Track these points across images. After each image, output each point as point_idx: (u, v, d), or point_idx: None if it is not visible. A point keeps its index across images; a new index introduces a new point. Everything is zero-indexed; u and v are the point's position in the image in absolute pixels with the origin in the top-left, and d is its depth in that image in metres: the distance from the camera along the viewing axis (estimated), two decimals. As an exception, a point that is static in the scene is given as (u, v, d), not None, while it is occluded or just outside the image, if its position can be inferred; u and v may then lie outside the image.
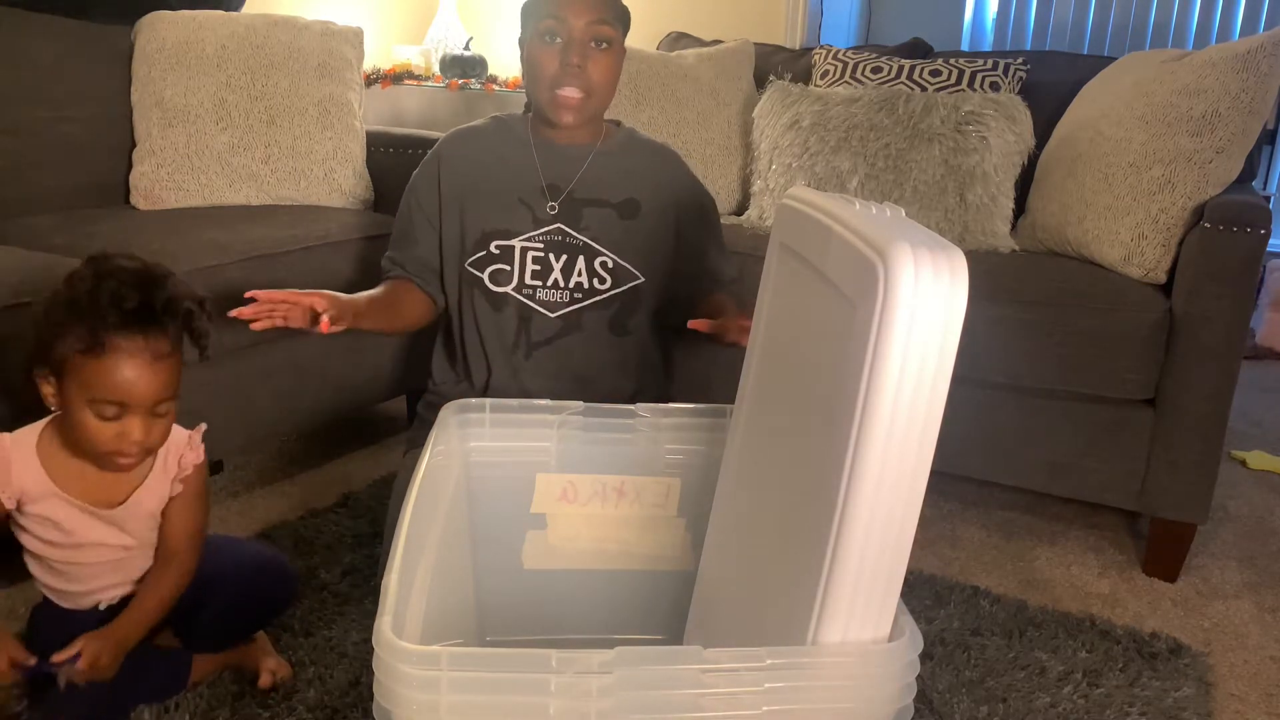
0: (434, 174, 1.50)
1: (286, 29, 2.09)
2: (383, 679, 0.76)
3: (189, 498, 1.20)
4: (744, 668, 0.77)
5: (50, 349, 1.07)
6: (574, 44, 1.38)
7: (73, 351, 1.05)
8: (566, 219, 1.45)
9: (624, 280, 1.46)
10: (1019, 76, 2.16)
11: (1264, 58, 1.67)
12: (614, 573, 1.32)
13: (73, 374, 1.06)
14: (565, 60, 1.38)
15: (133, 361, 1.06)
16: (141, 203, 1.98)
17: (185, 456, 1.19)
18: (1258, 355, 3.14)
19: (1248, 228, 1.53)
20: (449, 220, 1.49)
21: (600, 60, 1.40)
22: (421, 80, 3.21)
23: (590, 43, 1.39)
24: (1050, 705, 1.31)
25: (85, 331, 1.05)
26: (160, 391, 1.09)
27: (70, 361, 1.06)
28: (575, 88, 1.40)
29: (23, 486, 1.12)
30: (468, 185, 1.48)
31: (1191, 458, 1.61)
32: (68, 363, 1.06)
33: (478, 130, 1.53)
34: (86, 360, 1.05)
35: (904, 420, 0.76)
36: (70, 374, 1.06)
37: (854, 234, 0.81)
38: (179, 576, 1.20)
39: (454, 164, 1.50)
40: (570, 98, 1.40)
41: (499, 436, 1.27)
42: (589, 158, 1.48)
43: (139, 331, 1.07)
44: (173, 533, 1.20)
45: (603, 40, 1.39)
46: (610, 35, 1.40)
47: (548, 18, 1.39)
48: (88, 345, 1.05)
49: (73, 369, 1.06)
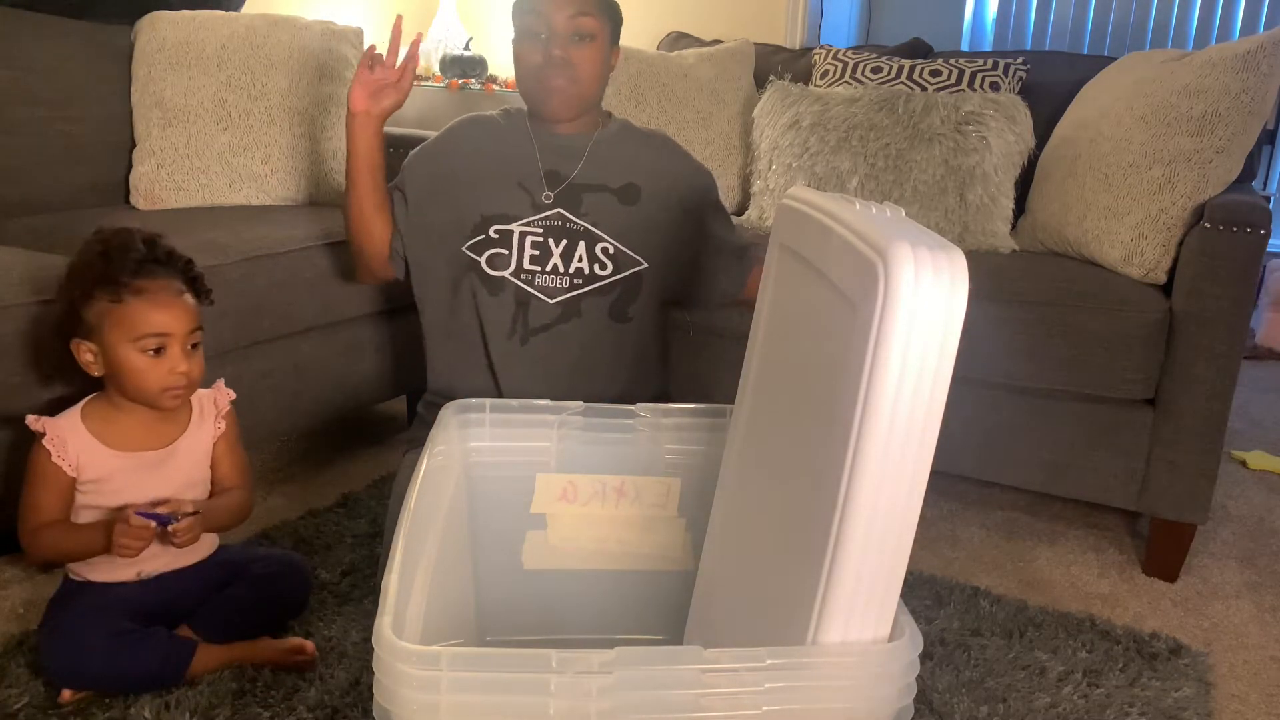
0: (432, 152, 1.52)
1: (286, 29, 2.09)
2: (383, 679, 0.76)
3: (231, 437, 1.37)
4: (744, 668, 0.77)
5: (80, 317, 1.22)
6: (555, 37, 1.40)
7: (104, 306, 1.20)
8: (566, 205, 1.46)
9: (625, 266, 1.46)
10: (1019, 76, 2.16)
11: (1264, 58, 1.67)
12: (614, 573, 1.32)
13: (111, 326, 1.21)
14: (548, 52, 1.41)
15: (158, 297, 1.22)
16: (141, 203, 1.98)
17: (218, 398, 1.36)
18: (1258, 355, 3.14)
19: (1248, 228, 1.53)
20: (443, 203, 1.49)
21: (583, 52, 1.42)
22: (421, 80, 3.21)
23: (572, 35, 1.41)
24: (1050, 705, 1.31)
25: (110, 285, 1.20)
26: (190, 320, 1.25)
27: (106, 316, 1.21)
28: (559, 76, 1.42)
29: (79, 456, 1.24)
30: (467, 167, 1.49)
31: (1191, 458, 1.61)
32: (104, 319, 1.21)
33: (486, 118, 1.55)
34: (119, 308, 1.20)
35: (904, 420, 0.76)
36: (108, 327, 1.21)
37: (854, 234, 0.81)
38: (242, 500, 1.36)
39: (457, 144, 1.52)
40: (555, 83, 1.42)
41: (499, 436, 1.27)
42: (587, 147, 1.49)
43: (153, 274, 1.23)
44: (226, 471, 1.36)
45: (585, 33, 1.41)
46: (592, 28, 1.42)
47: (529, 14, 1.42)
48: (115, 295, 1.20)
49: (110, 322, 1.21)
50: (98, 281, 1.21)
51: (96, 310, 1.21)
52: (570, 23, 1.40)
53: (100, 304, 1.21)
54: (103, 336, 1.21)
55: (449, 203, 1.48)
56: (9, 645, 1.30)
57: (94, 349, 1.23)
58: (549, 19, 1.40)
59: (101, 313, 1.21)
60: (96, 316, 1.21)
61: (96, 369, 1.24)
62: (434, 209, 1.50)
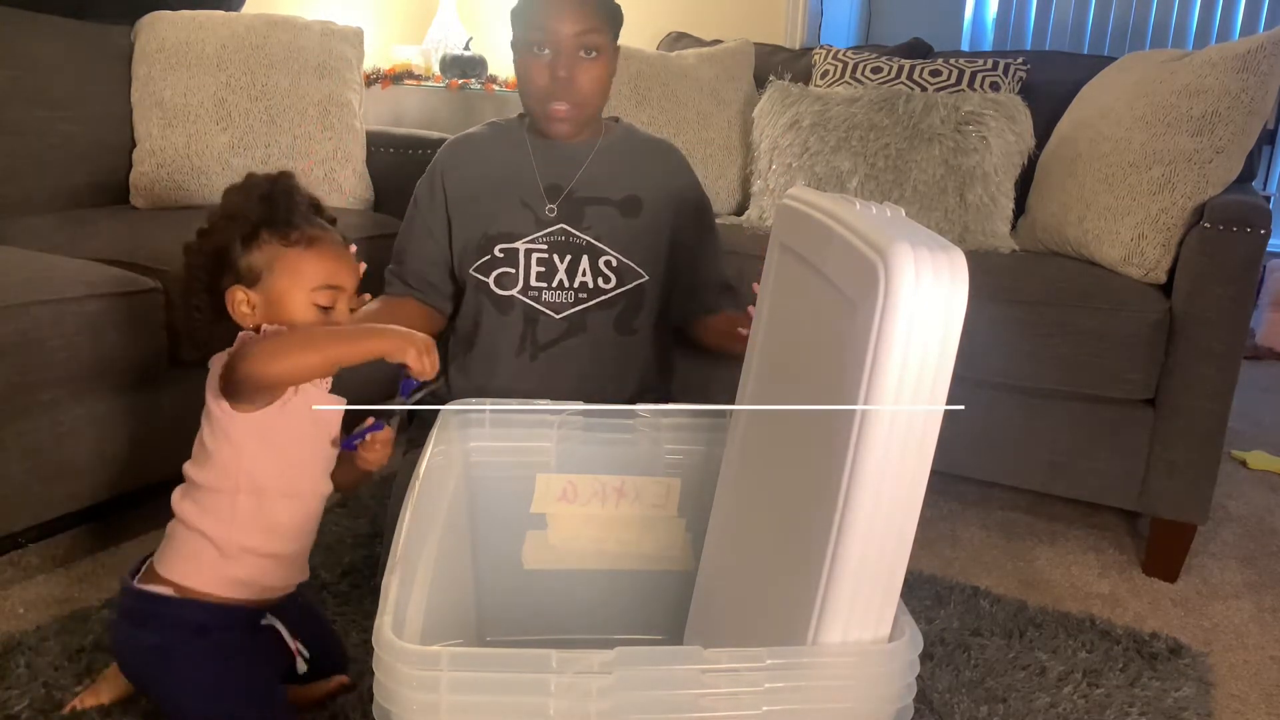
0: (437, 183, 1.50)
1: (286, 29, 2.09)
2: (383, 679, 0.76)
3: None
4: (744, 668, 0.77)
5: (240, 260, 1.09)
6: (561, 56, 1.37)
7: (275, 250, 1.09)
8: (569, 219, 1.45)
9: (628, 279, 1.46)
10: (1019, 76, 2.16)
11: (1264, 58, 1.67)
12: (614, 573, 1.32)
13: (282, 271, 1.09)
14: (554, 73, 1.37)
15: (333, 249, 1.13)
16: (141, 203, 1.98)
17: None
18: (1258, 355, 3.14)
19: (1248, 228, 1.53)
20: (456, 228, 1.48)
21: (589, 69, 1.39)
22: (421, 80, 3.21)
23: (578, 52, 1.37)
24: (1050, 705, 1.31)
25: (283, 228, 1.10)
26: (357, 276, 1.16)
27: (280, 260, 1.09)
28: (565, 102, 1.39)
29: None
30: (469, 192, 1.48)
31: (1191, 458, 1.61)
32: (275, 263, 1.09)
33: (474, 137, 1.53)
34: (293, 253, 1.09)
35: (904, 420, 0.76)
36: (279, 273, 1.09)
37: (854, 234, 0.81)
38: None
39: (454, 172, 1.49)
40: (561, 111, 1.40)
41: (499, 436, 1.27)
42: (588, 157, 1.47)
43: (323, 224, 1.15)
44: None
45: (591, 49, 1.38)
46: (598, 43, 1.38)
47: (534, 29, 1.38)
48: (289, 238, 1.10)
49: (282, 267, 1.09)
50: (266, 223, 1.10)
51: (264, 255, 1.09)
52: (576, 40, 1.36)
53: (270, 248, 1.09)
54: (270, 283, 1.09)
55: (458, 227, 1.48)
56: (9, 645, 1.30)
57: (253, 298, 1.10)
58: (555, 35, 1.36)
59: (271, 257, 1.09)
60: (263, 261, 1.09)
61: (252, 320, 1.10)
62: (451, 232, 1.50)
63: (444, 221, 1.49)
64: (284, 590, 1.15)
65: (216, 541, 1.08)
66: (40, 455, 1.42)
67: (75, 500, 1.48)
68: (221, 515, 1.08)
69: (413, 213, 1.52)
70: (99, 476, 1.50)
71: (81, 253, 1.60)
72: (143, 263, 1.58)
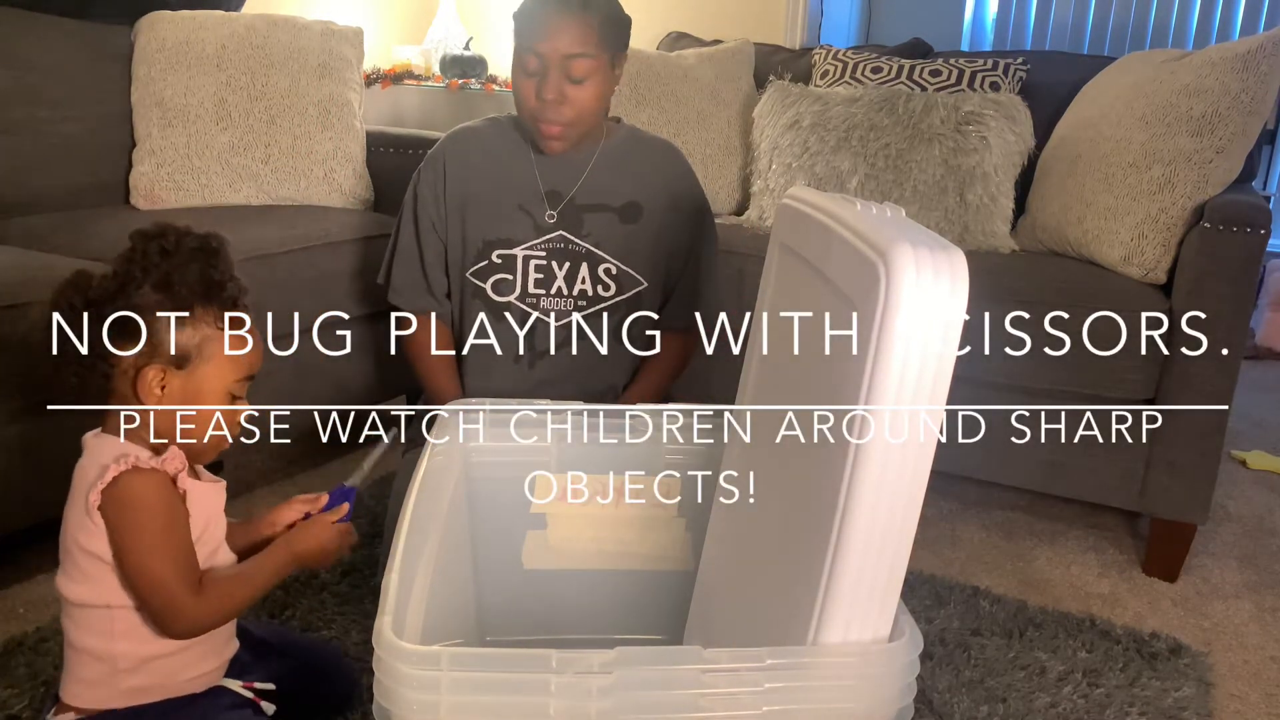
0: (439, 178, 1.46)
1: (286, 29, 2.09)
2: (383, 679, 0.76)
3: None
4: (744, 668, 0.77)
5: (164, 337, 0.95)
6: (548, 81, 1.34)
7: (215, 333, 0.97)
8: (568, 226, 1.44)
9: (628, 287, 1.46)
10: (1019, 76, 2.16)
11: (1264, 58, 1.67)
12: (614, 573, 1.32)
13: (216, 359, 0.97)
14: (540, 95, 1.35)
15: (255, 335, 1.02)
16: (141, 203, 1.98)
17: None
18: (1258, 355, 3.14)
19: (1248, 228, 1.53)
20: (452, 227, 1.47)
21: (577, 93, 1.35)
22: (421, 80, 3.21)
23: (566, 76, 1.34)
24: (1050, 705, 1.31)
25: (221, 306, 0.98)
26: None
27: (214, 345, 0.97)
28: (553, 123, 1.37)
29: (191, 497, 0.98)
30: (469, 191, 1.46)
31: (1191, 458, 1.61)
32: (210, 347, 0.97)
33: (476, 131, 1.50)
34: (236, 340, 0.98)
35: (904, 420, 0.76)
36: (212, 360, 0.97)
37: (854, 234, 0.81)
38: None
39: (457, 168, 1.46)
40: (551, 131, 1.38)
41: (499, 436, 1.27)
42: (589, 163, 1.46)
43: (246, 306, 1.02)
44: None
45: (580, 74, 1.34)
46: (588, 68, 1.34)
47: (526, 51, 1.35)
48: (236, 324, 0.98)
49: (218, 354, 0.97)
50: (204, 299, 0.97)
51: (194, 336, 0.96)
52: (564, 64, 1.33)
53: (203, 329, 0.96)
54: (198, 370, 0.97)
55: (454, 226, 1.47)
56: (9, 645, 1.30)
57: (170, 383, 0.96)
58: (544, 60, 1.33)
59: (204, 341, 0.96)
60: (193, 344, 0.96)
61: (154, 401, 0.96)
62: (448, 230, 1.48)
63: (444, 216, 1.47)
64: (219, 669, 1.04)
65: (104, 659, 0.96)
66: (41, 454, 1.42)
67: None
68: (101, 631, 0.96)
69: (416, 210, 1.48)
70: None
71: (81, 253, 1.60)
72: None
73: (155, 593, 0.93)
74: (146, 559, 0.92)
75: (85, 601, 0.95)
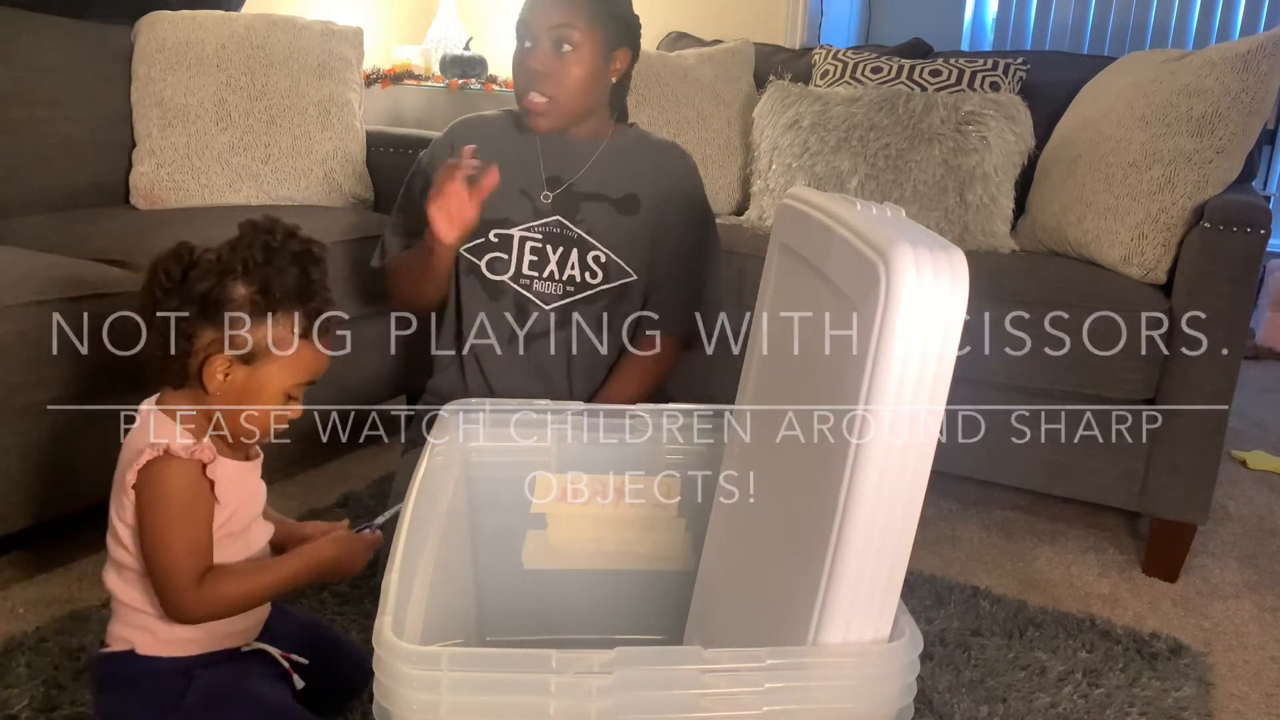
0: (446, 153, 1.47)
1: (286, 29, 2.09)
2: (383, 679, 0.76)
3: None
4: (744, 668, 0.77)
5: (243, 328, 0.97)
6: (536, 49, 1.38)
7: (292, 337, 0.99)
8: (564, 211, 1.45)
9: (615, 277, 1.46)
10: (1019, 76, 2.16)
11: (1264, 58, 1.67)
12: (614, 573, 1.32)
13: (287, 362, 1.00)
14: (526, 65, 1.39)
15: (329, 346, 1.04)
16: (141, 203, 1.98)
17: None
18: (1258, 355, 3.14)
19: (1248, 228, 1.53)
20: None
21: (561, 63, 1.37)
22: (421, 80, 3.21)
23: (552, 46, 1.37)
24: (1050, 705, 1.31)
25: (311, 313, 1.00)
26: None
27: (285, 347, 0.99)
28: (537, 93, 1.39)
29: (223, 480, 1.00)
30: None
31: (1191, 458, 1.61)
32: (283, 348, 0.99)
33: (488, 119, 1.54)
34: (305, 345, 1.01)
35: (905, 420, 0.76)
36: (282, 362, 0.99)
37: (855, 234, 0.81)
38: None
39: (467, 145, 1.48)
40: (535, 103, 1.40)
41: (499, 436, 1.27)
42: (594, 154, 1.47)
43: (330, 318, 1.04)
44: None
45: (566, 43, 1.37)
46: (575, 39, 1.37)
47: (520, 23, 1.40)
48: (306, 329, 1.00)
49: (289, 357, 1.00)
50: (293, 302, 0.99)
51: (273, 335, 0.98)
52: (551, 32, 1.37)
53: (283, 330, 0.98)
54: (265, 368, 0.99)
55: None
56: (9, 645, 1.30)
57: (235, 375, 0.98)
58: (532, 27, 1.38)
59: (280, 340, 0.98)
60: (268, 342, 0.98)
61: (218, 388, 0.98)
62: None
63: None
64: (255, 628, 1.08)
65: (154, 612, 0.99)
66: (41, 454, 1.42)
67: (76, 500, 1.48)
68: (143, 589, 0.99)
69: (417, 182, 1.50)
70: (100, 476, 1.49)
71: (81, 253, 1.60)
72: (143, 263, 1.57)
73: (159, 575, 0.96)
74: (160, 543, 0.96)
75: (126, 563, 1.00)
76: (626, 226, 1.46)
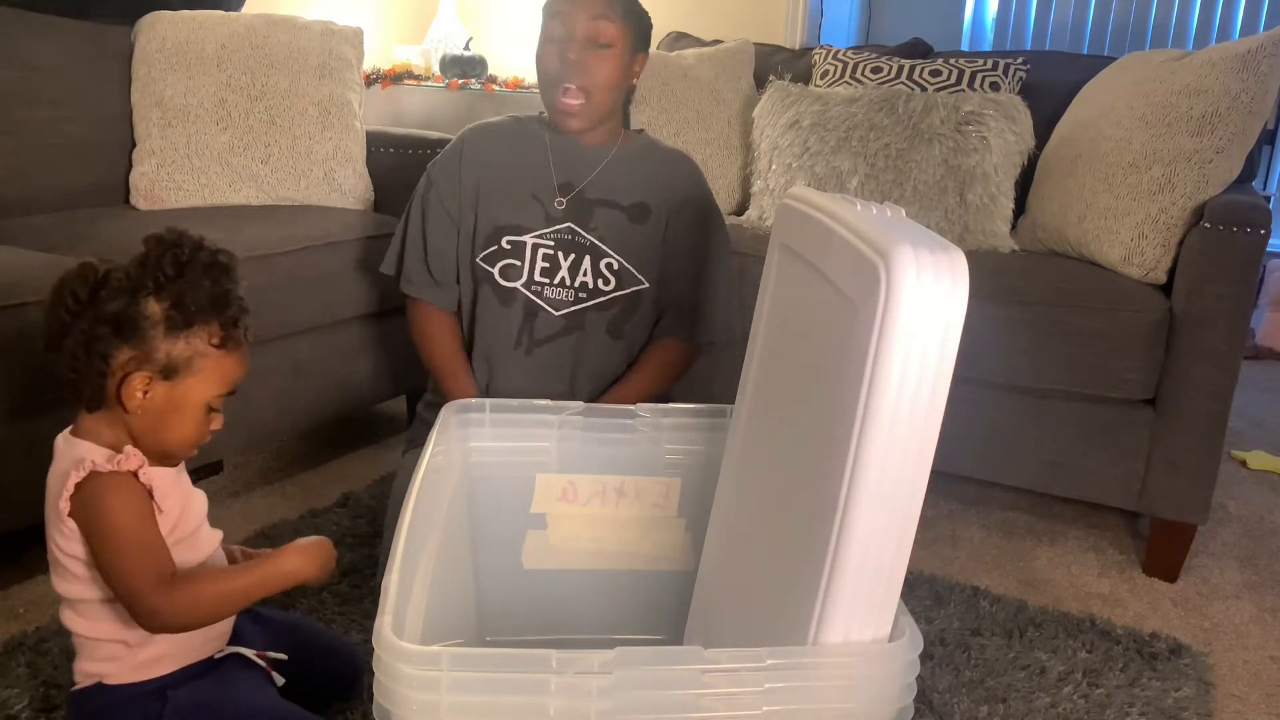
0: (455, 166, 1.49)
1: (286, 29, 2.09)
2: (383, 679, 0.76)
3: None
4: (744, 668, 0.77)
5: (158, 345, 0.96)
6: (573, 41, 1.38)
7: (207, 349, 0.98)
8: (577, 218, 1.45)
9: (627, 284, 1.46)
10: (1019, 76, 2.16)
11: (1264, 58, 1.67)
12: (614, 573, 1.32)
13: (205, 375, 0.99)
14: (564, 56, 1.39)
15: (246, 355, 1.03)
16: (141, 203, 1.98)
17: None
18: (1258, 355, 3.14)
19: (1248, 228, 1.53)
20: (465, 211, 1.48)
21: (599, 57, 1.39)
22: (421, 80, 3.21)
23: (590, 39, 1.38)
24: (1050, 705, 1.31)
25: (225, 324, 0.99)
26: None
27: (204, 361, 0.98)
28: (574, 85, 1.39)
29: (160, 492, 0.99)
30: (484, 179, 1.47)
31: (1191, 458, 1.61)
32: (200, 362, 0.98)
33: (497, 126, 1.53)
34: (222, 355, 0.99)
35: (905, 420, 0.76)
36: (200, 375, 0.98)
37: (855, 234, 0.81)
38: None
39: (474, 156, 1.49)
40: (570, 103, 1.40)
41: (499, 436, 1.27)
42: (604, 159, 1.47)
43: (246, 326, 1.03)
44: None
45: (603, 38, 1.39)
46: (611, 35, 1.39)
47: (552, 16, 1.40)
48: (223, 339, 0.99)
49: (207, 370, 0.99)
50: (205, 315, 0.97)
51: (187, 349, 0.97)
52: (589, 25, 1.38)
53: (197, 343, 0.97)
54: (184, 383, 0.98)
55: (466, 213, 1.48)
56: (9, 645, 1.30)
57: (155, 392, 0.97)
58: (568, 20, 1.38)
59: (194, 354, 0.97)
60: (184, 356, 0.97)
61: (137, 407, 0.97)
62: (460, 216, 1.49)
63: (458, 202, 1.48)
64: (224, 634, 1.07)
65: (114, 640, 0.99)
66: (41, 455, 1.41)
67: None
68: (105, 618, 0.99)
69: (429, 195, 1.49)
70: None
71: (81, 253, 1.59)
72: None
73: (126, 590, 0.95)
74: (115, 559, 0.94)
75: (81, 597, 0.98)
76: (637, 235, 1.47)
